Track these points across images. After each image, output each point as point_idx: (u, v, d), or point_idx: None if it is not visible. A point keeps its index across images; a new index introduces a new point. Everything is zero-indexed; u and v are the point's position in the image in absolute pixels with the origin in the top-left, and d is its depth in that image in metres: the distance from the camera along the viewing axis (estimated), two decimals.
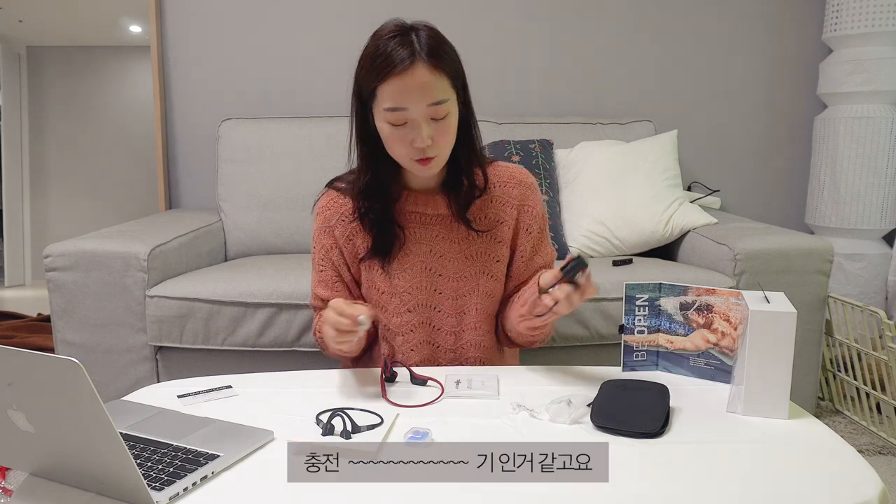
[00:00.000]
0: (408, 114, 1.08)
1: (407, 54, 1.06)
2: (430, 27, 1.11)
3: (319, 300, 1.29)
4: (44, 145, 3.26)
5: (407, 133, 1.10)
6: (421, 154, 1.11)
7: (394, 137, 1.11)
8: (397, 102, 1.07)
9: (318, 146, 2.28)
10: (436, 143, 1.10)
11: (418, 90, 1.07)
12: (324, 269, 1.27)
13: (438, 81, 1.08)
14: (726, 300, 1.10)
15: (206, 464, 0.83)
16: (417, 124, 1.08)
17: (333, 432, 0.92)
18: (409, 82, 1.06)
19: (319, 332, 1.23)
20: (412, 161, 1.12)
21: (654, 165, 2.20)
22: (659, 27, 2.62)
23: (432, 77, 1.08)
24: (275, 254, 2.25)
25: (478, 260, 1.25)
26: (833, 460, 0.88)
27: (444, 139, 1.12)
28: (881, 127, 2.41)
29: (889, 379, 1.91)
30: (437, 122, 1.10)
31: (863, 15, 2.37)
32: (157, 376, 1.77)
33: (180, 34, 2.51)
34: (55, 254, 1.71)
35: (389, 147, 1.14)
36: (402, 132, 1.10)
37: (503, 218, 1.25)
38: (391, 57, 1.06)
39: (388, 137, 1.12)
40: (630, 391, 1.03)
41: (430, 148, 1.10)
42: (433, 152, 1.11)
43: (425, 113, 1.08)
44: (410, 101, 1.07)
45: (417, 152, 1.11)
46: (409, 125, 1.09)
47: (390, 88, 1.07)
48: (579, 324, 1.76)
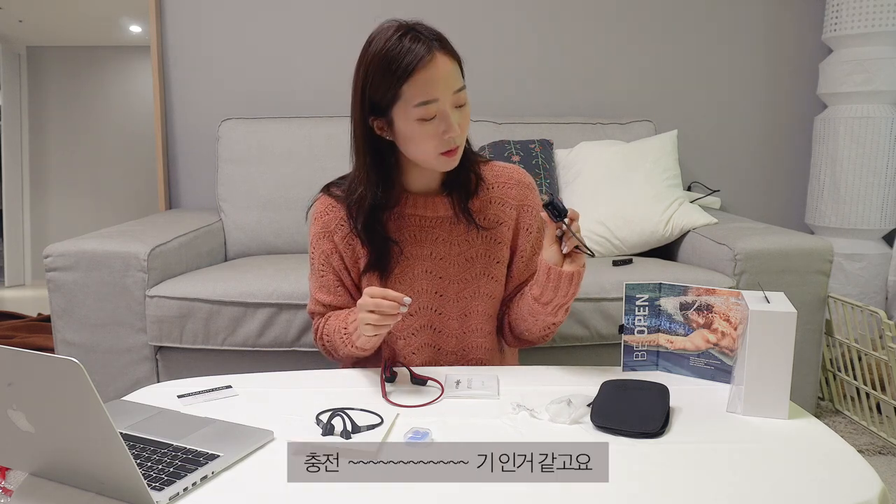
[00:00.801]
0: (438, 105, 1.08)
1: (424, 49, 1.06)
2: (424, 22, 1.11)
3: (321, 305, 1.28)
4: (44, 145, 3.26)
5: (436, 126, 1.09)
6: (450, 145, 1.10)
7: (423, 134, 1.09)
8: (428, 95, 1.07)
9: (318, 146, 2.28)
10: (462, 130, 1.11)
11: (444, 79, 1.07)
12: (325, 274, 1.26)
13: (455, 69, 1.10)
14: (726, 300, 1.10)
15: (206, 464, 0.83)
16: (446, 114, 1.08)
17: (333, 432, 0.92)
18: (434, 73, 1.06)
19: (327, 336, 1.23)
20: (438, 156, 1.12)
21: (654, 165, 2.20)
22: (659, 27, 2.62)
23: (452, 65, 1.09)
24: (275, 254, 2.25)
25: (478, 261, 1.24)
26: (833, 460, 0.88)
27: (466, 126, 1.13)
28: (881, 127, 2.41)
29: (889, 379, 1.91)
30: (460, 109, 1.11)
31: (863, 15, 2.37)
32: (157, 376, 1.77)
33: (180, 34, 2.51)
34: (55, 254, 1.71)
35: (415, 145, 1.12)
36: (432, 127, 1.09)
37: (502, 219, 1.25)
38: (410, 54, 1.06)
39: (416, 135, 1.10)
40: (630, 391, 1.03)
41: (459, 137, 1.11)
42: (460, 141, 1.12)
43: (452, 101, 1.09)
44: (439, 91, 1.07)
45: (446, 144, 1.10)
46: (438, 118, 1.08)
47: (418, 83, 1.06)
48: (579, 324, 1.76)
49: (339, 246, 1.23)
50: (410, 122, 1.09)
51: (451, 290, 1.24)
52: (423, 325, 1.25)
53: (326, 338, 1.24)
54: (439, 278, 1.24)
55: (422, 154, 1.12)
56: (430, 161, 1.13)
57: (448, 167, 1.15)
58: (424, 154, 1.12)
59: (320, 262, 1.25)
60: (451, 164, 1.14)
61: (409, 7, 2.56)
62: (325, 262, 1.25)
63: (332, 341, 1.23)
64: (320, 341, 1.27)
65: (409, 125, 1.09)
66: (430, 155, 1.12)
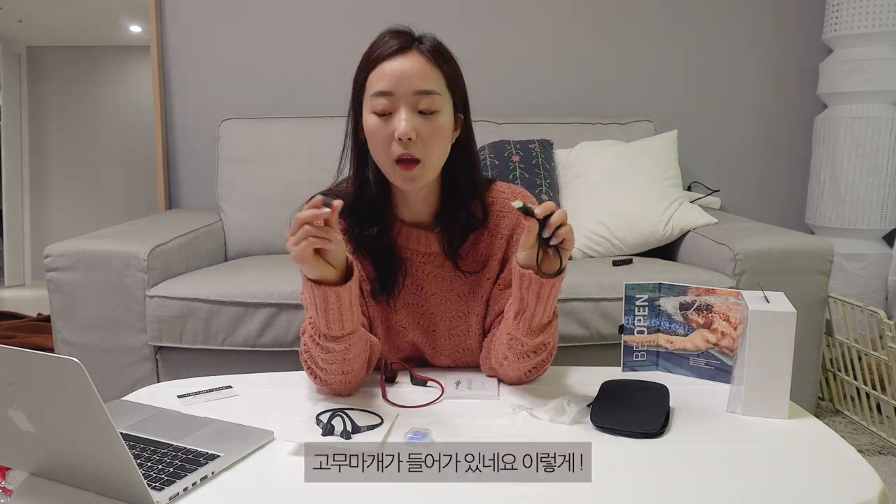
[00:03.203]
0: (392, 100, 1.01)
1: (399, 43, 1.03)
2: (431, 33, 1.08)
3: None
4: (44, 145, 3.27)
5: (391, 126, 1.02)
6: (402, 150, 1.01)
7: (376, 131, 1.03)
8: (383, 86, 1.01)
9: (318, 146, 2.28)
10: (422, 141, 1.02)
11: (406, 75, 1.01)
12: None
13: (432, 73, 1.03)
14: (726, 300, 1.10)
15: (206, 464, 0.83)
16: (399, 111, 1.01)
17: (333, 432, 0.92)
18: (397, 66, 1.02)
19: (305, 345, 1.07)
20: (395, 167, 1.03)
21: (654, 165, 2.20)
22: (659, 27, 2.62)
23: (426, 66, 1.03)
24: (275, 254, 2.25)
25: (468, 298, 1.17)
26: (833, 460, 0.88)
27: (433, 140, 1.03)
28: (881, 127, 2.41)
29: (889, 379, 1.91)
30: (425, 117, 1.02)
31: (863, 15, 2.37)
32: (157, 376, 1.77)
33: (180, 34, 2.51)
34: (55, 254, 1.71)
35: (372, 145, 1.05)
36: (386, 125, 1.02)
37: (493, 251, 1.16)
38: (386, 45, 1.03)
39: (371, 132, 1.04)
40: (630, 391, 1.03)
41: (414, 145, 1.01)
42: (417, 151, 1.02)
43: (412, 101, 1.01)
44: (396, 84, 1.01)
45: (399, 147, 1.01)
46: (394, 116, 1.02)
47: (379, 71, 1.02)
48: (579, 324, 1.76)
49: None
50: (369, 116, 1.04)
51: (443, 326, 1.18)
52: (416, 356, 1.21)
53: (304, 347, 1.06)
54: (431, 313, 1.18)
55: (380, 158, 1.06)
56: (388, 170, 1.05)
57: (406, 185, 1.06)
58: (382, 160, 1.05)
59: None
60: (410, 181, 1.04)
61: (408, 7, 2.57)
62: None
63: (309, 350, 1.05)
64: (302, 357, 1.08)
65: (368, 119, 1.04)
66: (387, 161, 1.04)
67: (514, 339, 1.06)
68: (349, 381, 1.06)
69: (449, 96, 1.06)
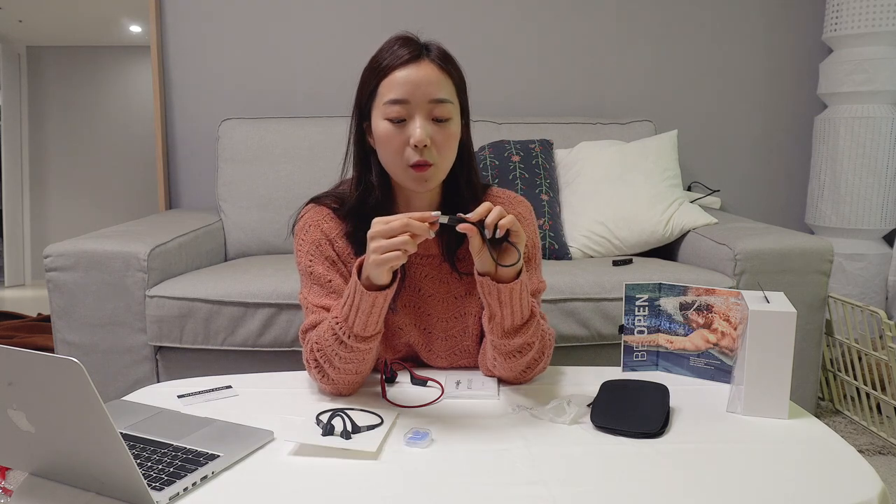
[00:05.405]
0: (408, 108, 1.04)
1: (410, 52, 1.05)
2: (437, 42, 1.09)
3: (326, 311, 1.12)
4: (44, 145, 3.27)
5: (405, 132, 1.04)
6: (418, 156, 1.04)
7: (390, 137, 1.05)
8: (399, 94, 1.03)
9: (318, 146, 2.28)
10: (436, 147, 1.05)
11: (421, 83, 1.04)
12: (331, 279, 1.14)
13: (444, 81, 1.06)
14: (726, 300, 1.10)
15: (206, 464, 0.83)
16: (414, 119, 1.04)
17: (333, 432, 0.92)
18: (411, 75, 1.04)
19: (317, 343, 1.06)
20: (407, 170, 1.05)
21: (654, 165, 2.20)
22: (659, 27, 2.63)
23: (439, 75, 1.05)
24: (275, 254, 2.25)
25: (464, 300, 1.18)
26: (833, 460, 0.88)
27: (446, 146, 1.06)
28: (881, 127, 2.41)
29: (889, 379, 1.91)
30: (439, 125, 1.05)
31: (863, 15, 2.37)
32: (157, 376, 1.77)
33: (180, 34, 2.51)
34: (55, 254, 1.71)
35: (385, 150, 1.07)
36: (401, 131, 1.04)
37: None
38: (397, 53, 1.05)
39: (385, 137, 1.05)
40: (630, 391, 1.03)
41: (429, 151, 1.04)
42: (431, 157, 1.05)
43: (427, 109, 1.04)
44: (411, 92, 1.03)
45: (414, 154, 1.04)
46: (409, 124, 1.04)
47: (393, 80, 1.04)
48: (579, 324, 1.76)
49: (341, 255, 1.16)
50: (382, 122, 1.06)
51: (440, 327, 1.19)
52: (413, 357, 1.22)
53: (317, 345, 1.06)
54: (428, 315, 1.19)
55: (392, 163, 1.07)
56: (399, 173, 1.08)
57: (419, 187, 1.08)
58: (394, 164, 1.07)
59: (324, 268, 1.15)
60: (422, 183, 1.07)
61: (408, 8, 2.57)
62: (329, 267, 1.15)
63: (323, 348, 1.05)
64: (311, 355, 1.07)
65: (381, 125, 1.06)
66: (398, 165, 1.06)
67: (495, 342, 1.09)
68: (358, 381, 1.09)
69: (457, 103, 1.09)
